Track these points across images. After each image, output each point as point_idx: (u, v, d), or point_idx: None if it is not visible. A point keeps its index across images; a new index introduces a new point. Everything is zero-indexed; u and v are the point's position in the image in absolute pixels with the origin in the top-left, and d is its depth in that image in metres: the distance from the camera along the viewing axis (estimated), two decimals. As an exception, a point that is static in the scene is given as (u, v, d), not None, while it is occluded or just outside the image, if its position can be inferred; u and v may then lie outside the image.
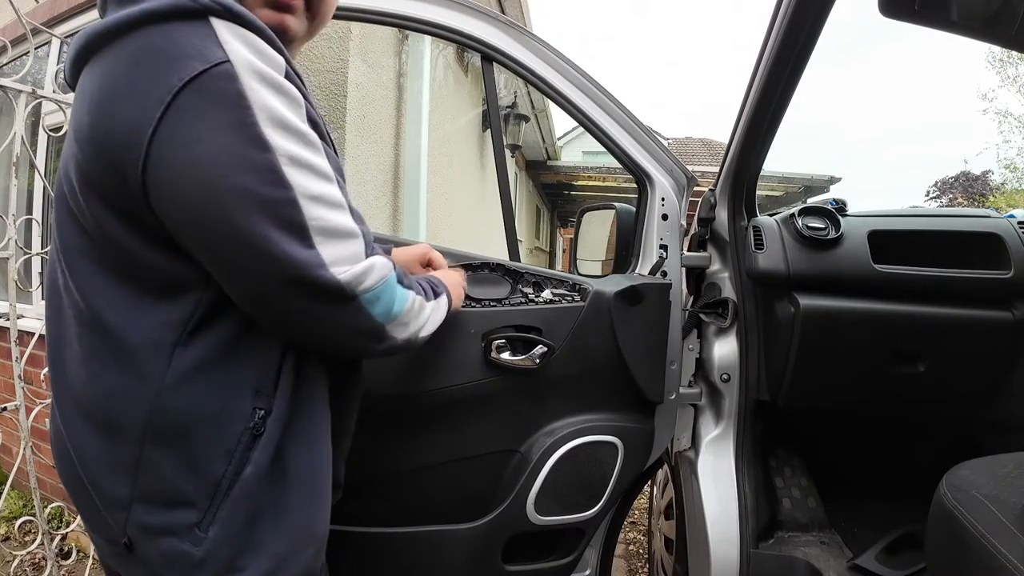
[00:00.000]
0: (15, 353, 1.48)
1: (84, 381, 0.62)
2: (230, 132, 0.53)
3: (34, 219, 2.41)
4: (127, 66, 0.54)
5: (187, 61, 0.52)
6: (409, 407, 1.07)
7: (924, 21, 0.72)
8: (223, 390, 0.61)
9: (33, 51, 1.46)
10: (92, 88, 0.56)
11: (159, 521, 0.60)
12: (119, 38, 0.55)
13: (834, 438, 1.69)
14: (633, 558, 2.25)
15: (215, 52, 0.53)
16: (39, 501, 1.51)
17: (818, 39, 1.01)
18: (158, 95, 0.52)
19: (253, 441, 0.62)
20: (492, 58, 1.20)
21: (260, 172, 0.53)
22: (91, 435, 0.62)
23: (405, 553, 1.10)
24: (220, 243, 0.55)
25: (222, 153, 0.52)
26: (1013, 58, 15.33)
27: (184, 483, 0.60)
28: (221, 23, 0.55)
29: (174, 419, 0.59)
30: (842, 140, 69.23)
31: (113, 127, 0.54)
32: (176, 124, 0.52)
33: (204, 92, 0.52)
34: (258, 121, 0.53)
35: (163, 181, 0.53)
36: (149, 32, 0.53)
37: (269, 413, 0.63)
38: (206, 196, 0.53)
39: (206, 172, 0.52)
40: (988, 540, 0.75)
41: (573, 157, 12.41)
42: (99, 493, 0.62)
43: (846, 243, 1.28)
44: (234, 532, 0.61)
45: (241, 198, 0.53)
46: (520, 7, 5.52)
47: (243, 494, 0.61)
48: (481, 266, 1.15)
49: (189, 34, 0.53)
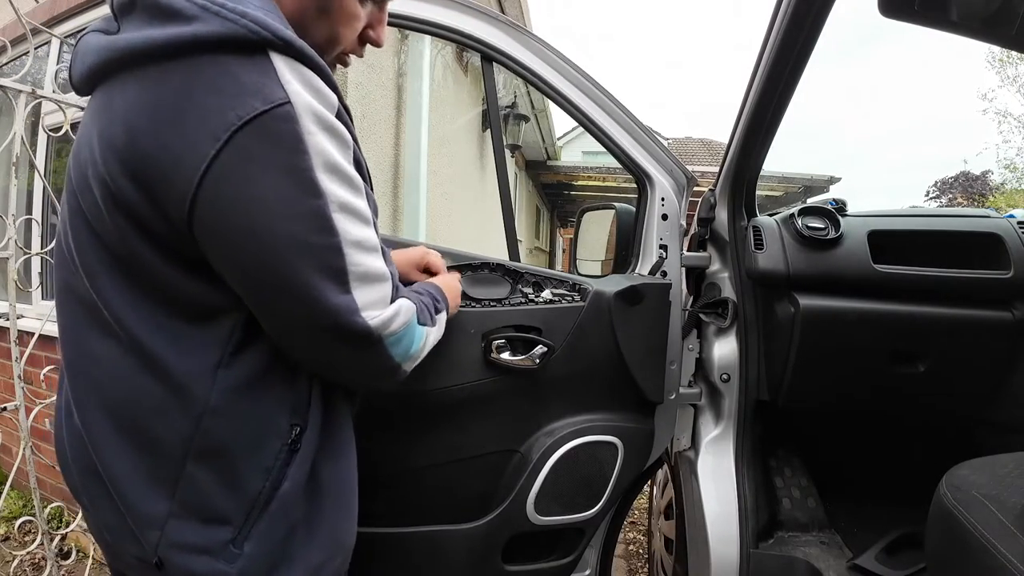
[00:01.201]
0: (15, 353, 1.47)
1: (122, 396, 0.60)
2: (286, 177, 0.52)
3: (34, 219, 2.41)
4: (176, 95, 0.51)
5: (246, 99, 0.50)
6: (409, 407, 1.07)
7: (924, 21, 0.72)
8: (264, 408, 0.61)
9: (33, 51, 1.46)
10: (127, 107, 0.53)
11: (194, 539, 0.60)
12: (165, 60, 0.52)
13: (834, 438, 1.69)
14: (633, 558, 2.25)
15: (277, 92, 0.51)
16: (39, 501, 1.51)
17: (818, 39, 1.01)
18: (213, 132, 0.50)
19: (290, 457, 0.63)
20: (492, 58, 1.20)
21: (311, 219, 0.53)
22: (127, 450, 0.60)
23: (405, 553, 1.10)
24: (262, 283, 0.55)
25: (276, 198, 0.52)
26: (1013, 58, 15.33)
27: (222, 500, 0.60)
28: (281, 59, 0.53)
29: (217, 438, 0.59)
30: (842, 140, 69.33)
31: (155, 155, 0.52)
32: (231, 164, 0.50)
33: (263, 133, 0.51)
34: (313, 166, 0.53)
35: (212, 219, 0.52)
36: (202, 61, 0.51)
37: (304, 429, 0.64)
38: (256, 238, 0.52)
39: (257, 215, 0.52)
40: (988, 540, 0.75)
41: (573, 157, 12.42)
42: (131, 509, 0.60)
43: (846, 243, 1.28)
44: (270, 547, 0.62)
45: (290, 244, 0.53)
46: (520, 7, 5.52)
47: (281, 509, 0.62)
48: (481, 266, 1.15)
49: (248, 69, 0.51)
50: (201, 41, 0.51)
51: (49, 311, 1.81)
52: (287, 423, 0.63)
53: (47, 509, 1.61)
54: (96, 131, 0.56)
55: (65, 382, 0.67)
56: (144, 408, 0.59)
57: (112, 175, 0.54)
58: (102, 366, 0.61)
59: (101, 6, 2.54)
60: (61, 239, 0.65)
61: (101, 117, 0.56)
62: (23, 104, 1.44)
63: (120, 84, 0.55)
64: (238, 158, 0.50)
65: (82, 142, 0.60)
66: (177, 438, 0.59)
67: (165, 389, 0.59)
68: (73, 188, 0.61)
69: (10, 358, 1.49)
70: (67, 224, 0.63)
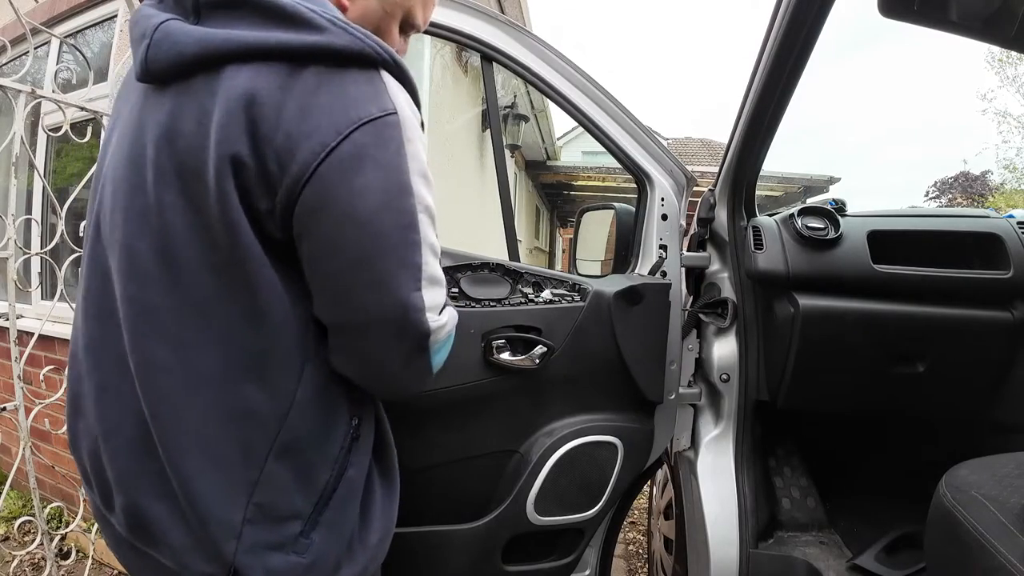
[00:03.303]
0: (14, 353, 1.47)
1: (205, 406, 0.60)
2: (389, 175, 0.58)
3: (33, 219, 2.41)
4: (305, 93, 0.57)
5: (365, 104, 0.58)
6: (409, 408, 1.07)
7: (923, 21, 0.72)
8: (334, 401, 0.65)
9: (32, 51, 1.46)
10: (251, 95, 0.56)
11: (268, 538, 0.61)
12: (296, 61, 0.57)
13: (833, 438, 1.69)
14: (633, 558, 2.25)
15: (387, 102, 0.59)
16: (38, 501, 1.51)
17: (818, 39, 1.01)
18: (335, 126, 0.56)
19: (352, 444, 0.67)
20: (492, 58, 1.20)
21: (402, 215, 0.59)
22: (207, 464, 0.60)
23: (405, 554, 1.10)
24: (346, 268, 0.59)
25: (378, 191, 0.58)
26: (1012, 58, 15.33)
27: (294, 495, 0.63)
28: (388, 76, 0.61)
29: (297, 433, 0.62)
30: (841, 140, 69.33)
31: (279, 140, 0.56)
32: (347, 155, 0.56)
33: (376, 134, 0.57)
34: (410, 169, 0.59)
35: (318, 200, 0.56)
36: (331, 68, 0.58)
37: (362, 420, 0.69)
38: (354, 222, 0.57)
39: (360, 204, 0.57)
40: (987, 540, 0.75)
41: (573, 157, 12.40)
42: (208, 523, 0.60)
43: (845, 243, 1.28)
44: (337, 533, 0.66)
45: (382, 233, 0.58)
46: (520, 7, 5.52)
47: (347, 495, 0.66)
48: (481, 266, 1.15)
49: (366, 80, 0.59)
50: (333, 51, 0.57)
51: (49, 311, 1.81)
52: (349, 414, 0.67)
53: (47, 509, 1.61)
54: (207, 113, 0.57)
55: (100, 408, 0.64)
56: (234, 410, 0.60)
57: (237, 151, 0.56)
58: (175, 375, 0.59)
59: (101, 6, 2.53)
60: (120, 244, 0.61)
61: (210, 100, 0.57)
62: (23, 104, 1.44)
63: (231, 73, 0.57)
64: (353, 153, 0.56)
65: (182, 129, 0.58)
66: (266, 437, 0.61)
67: (259, 386, 0.60)
68: (162, 182, 0.59)
69: (9, 358, 1.49)
70: (140, 222, 0.60)
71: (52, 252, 1.65)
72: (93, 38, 2.68)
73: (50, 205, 2.46)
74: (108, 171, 0.66)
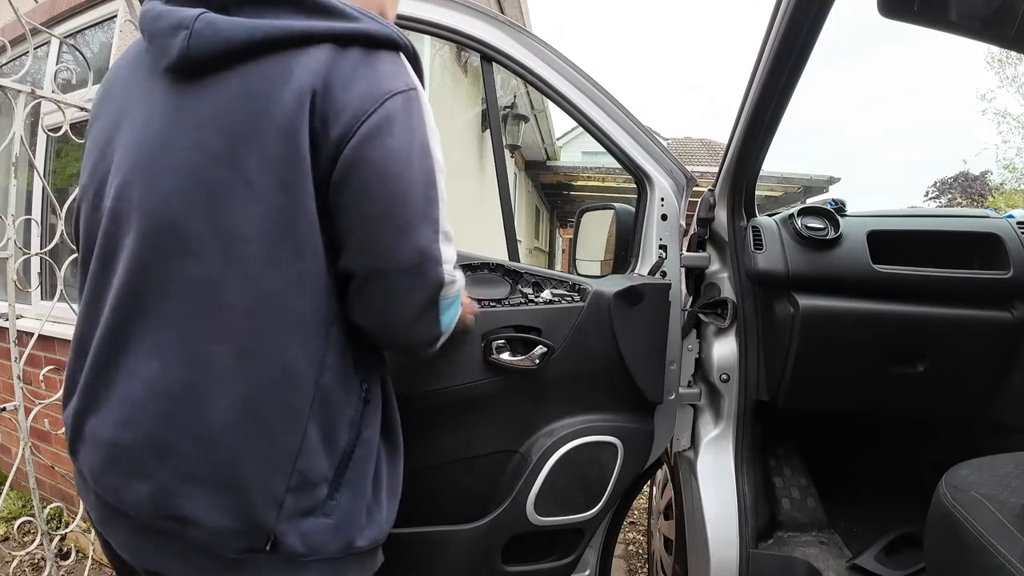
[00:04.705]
0: (14, 353, 1.47)
1: (255, 373, 0.62)
2: (414, 137, 0.67)
3: (33, 219, 2.41)
4: (349, 70, 0.65)
5: (395, 79, 0.67)
6: (408, 408, 1.06)
7: (923, 21, 0.72)
8: (351, 363, 0.70)
9: (32, 51, 1.46)
10: (307, 72, 0.63)
11: (303, 504, 0.65)
12: (336, 43, 0.65)
13: (833, 438, 1.69)
14: (633, 558, 2.25)
15: (410, 79, 0.69)
16: (38, 501, 1.51)
17: (818, 39, 1.01)
18: (373, 95, 0.64)
19: (365, 407, 0.72)
20: (492, 58, 1.20)
21: (426, 172, 0.67)
22: (256, 433, 0.63)
23: (405, 554, 1.10)
24: (376, 215, 0.65)
25: (407, 150, 0.66)
26: (1012, 58, 15.32)
27: (322, 457, 0.66)
28: (404, 59, 0.70)
29: (326, 394, 0.66)
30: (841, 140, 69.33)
31: (330, 107, 0.63)
32: (382, 120, 0.64)
33: (404, 104, 0.66)
34: (428, 135, 0.68)
35: (357, 157, 0.64)
36: (366, 50, 0.67)
37: (369, 384, 0.73)
38: (386, 176, 0.64)
39: (393, 159, 0.65)
40: (987, 540, 0.75)
41: (572, 157, 12.40)
42: (253, 496, 0.62)
43: (845, 243, 1.28)
44: (359, 493, 0.70)
45: (409, 187, 0.66)
46: (520, 7, 5.53)
47: (366, 455, 0.71)
48: (481, 266, 1.15)
49: (391, 61, 0.68)
50: (369, 36, 0.67)
51: (48, 311, 1.81)
52: (358, 378, 0.71)
53: (46, 509, 1.61)
54: (267, 91, 0.63)
55: (128, 385, 0.64)
56: (277, 376, 0.63)
57: (290, 116, 0.62)
58: (225, 345, 0.62)
59: (101, 6, 2.53)
60: (164, 225, 0.63)
61: (265, 81, 0.63)
62: (23, 104, 1.44)
63: (280, 57, 0.64)
64: (387, 117, 0.65)
65: (241, 103, 0.63)
66: (304, 401, 0.64)
67: (296, 347, 0.64)
68: (220, 154, 0.63)
69: (9, 358, 1.49)
70: (188, 197, 0.63)
71: (52, 252, 1.65)
72: (93, 38, 2.68)
73: (50, 205, 2.46)
74: (126, 162, 0.67)
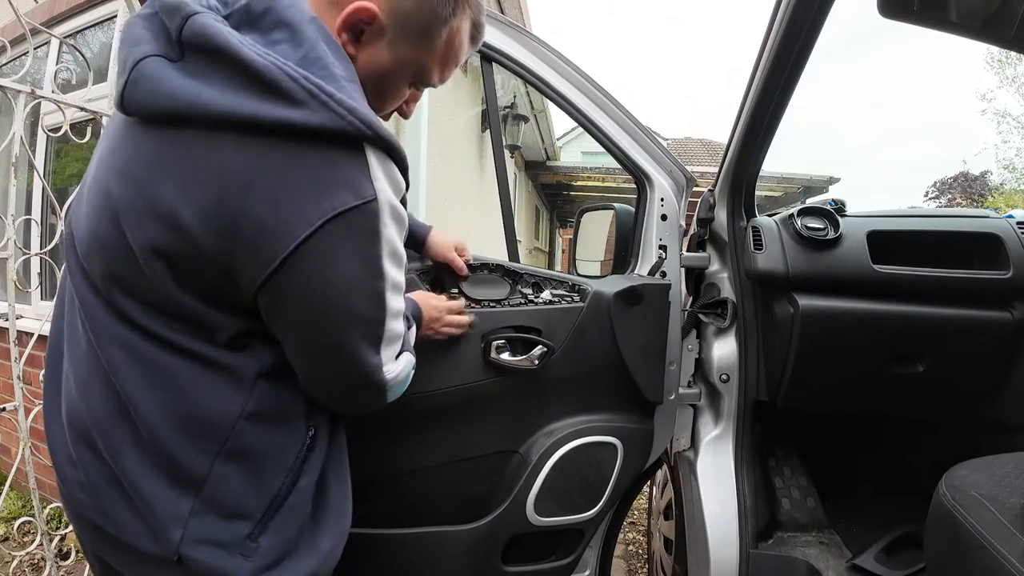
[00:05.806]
0: (14, 354, 1.47)
1: (154, 403, 0.61)
2: (361, 262, 0.59)
3: (33, 219, 2.40)
4: (274, 174, 0.54)
5: (342, 192, 0.55)
6: (408, 408, 1.06)
7: (923, 21, 0.72)
8: (289, 414, 0.67)
9: (32, 51, 1.46)
10: (220, 168, 0.54)
11: (215, 535, 0.63)
12: (267, 136, 0.54)
13: (833, 438, 1.69)
14: (632, 558, 2.25)
15: (367, 188, 0.57)
16: (38, 502, 1.51)
17: (818, 39, 1.01)
18: (307, 217, 0.54)
19: (308, 454, 0.69)
20: (492, 58, 1.20)
21: (372, 298, 0.61)
22: (149, 456, 0.62)
23: (405, 554, 1.10)
24: (314, 342, 0.62)
25: (350, 278, 0.59)
26: (1011, 59, 15.32)
27: (245, 498, 0.64)
28: (373, 152, 0.58)
29: (249, 441, 0.64)
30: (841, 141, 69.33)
31: (239, 224, 0.54)
32: (319, 247, 0.55)
33: (350, 225, 0.56)
34: (382, 254, 0.60)
35: (287, 291, 0.57)
36: (304, 147, 0.54)
37: (317, 430, 0.70)
38: (324, 309, 0.59)
39: (331, 291, 0.58)
40: (987, 540, 0.75)
41: (572, 157, 12.40)
42: (153, 510, 0.62)
43: (845, 243, 1.28)
44: (285, 537, 0.67)
45: (351, 317, 0.61)
46: (520, 7, 5.52)
47: (296, 504, 0.68)
48: (480, 267, 1.15)
49: (345, 161, 0.56)
50: (309, 130, 0.54)
51: (48, 311, 1.81)
52: (304, 425, 0.69)
53: (46, 509, 1.61)
54: (167, 172, 0.56)
55: (68, 384, 0.68)
56: (183, 411, 0.62)
57: (184, 222, 0.55)
58: (121, 375, 0.62)
59: (101, 6, 2.53)
60: (75, 256, 0.65)
61: (178, 162, 0.56)
62: (22, 104, 1.44)
63: (205, 138, 0.55)
64: (326, 242, 0.56)
65: (138, 172, 0.58)
66: (215, 439, 0.62)
67: (210, 392, 0.62)
68: (99, 217, 0.60)
69: (9, 358, 1.48)
70: (91, 252, 0.63)
71: (51, 252, 1.64)
72: (93, 38, 2.68)
73: (50, 205, 2.46)
74: (85, 188, 0.67)
